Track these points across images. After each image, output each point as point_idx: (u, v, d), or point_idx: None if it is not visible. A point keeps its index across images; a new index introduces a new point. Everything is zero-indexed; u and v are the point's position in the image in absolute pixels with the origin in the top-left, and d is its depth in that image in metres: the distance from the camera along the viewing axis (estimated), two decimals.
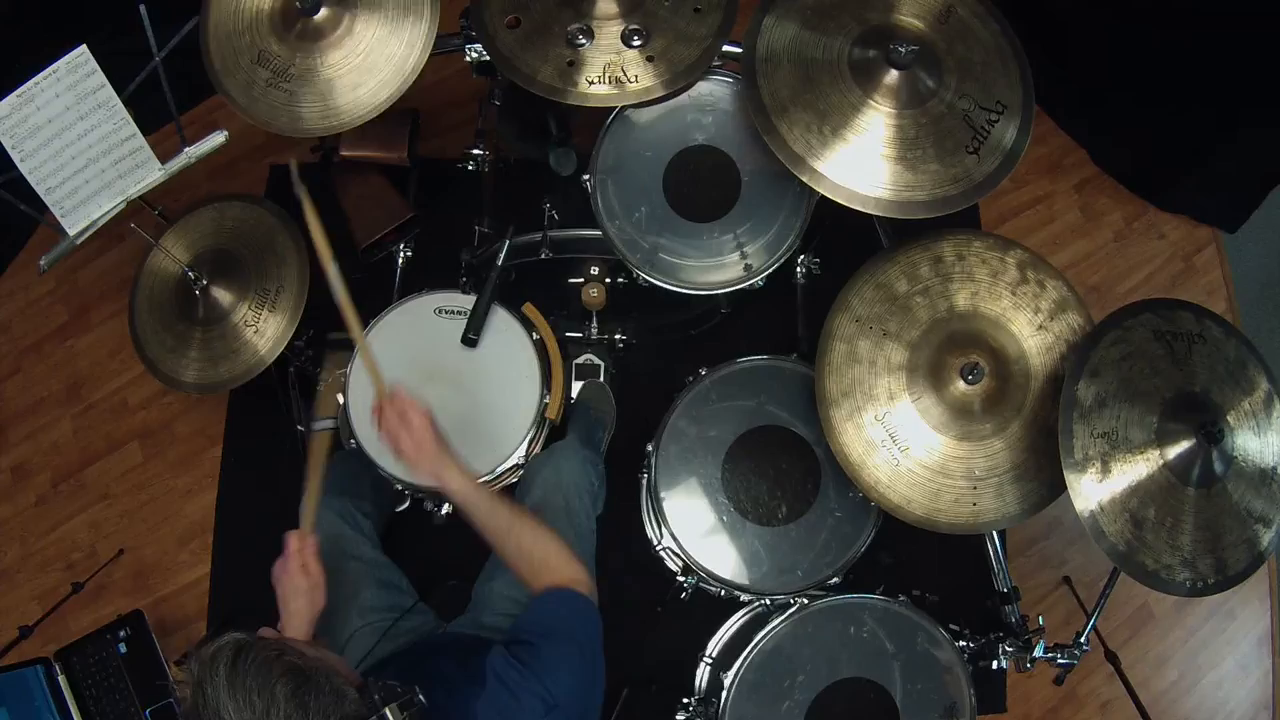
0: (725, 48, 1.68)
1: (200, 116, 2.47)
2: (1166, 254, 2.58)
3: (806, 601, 1.68)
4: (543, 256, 1.94)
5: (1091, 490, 1.42)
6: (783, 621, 1.65)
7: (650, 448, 1.84)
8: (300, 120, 1.68)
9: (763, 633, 1.64)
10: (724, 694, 1.63)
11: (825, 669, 1.66)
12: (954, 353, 1.60)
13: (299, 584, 1.37)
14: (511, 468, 1.79)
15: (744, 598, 1.80)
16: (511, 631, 1.34)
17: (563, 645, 1.26)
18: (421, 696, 1.10)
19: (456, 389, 1.80)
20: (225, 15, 1.75)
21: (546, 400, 1.81)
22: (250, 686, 0.96)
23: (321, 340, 2.03)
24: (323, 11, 1.70)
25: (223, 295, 1.79)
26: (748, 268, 1.80)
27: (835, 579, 1.77)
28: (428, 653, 1.48)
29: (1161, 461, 1.44)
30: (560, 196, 1.94)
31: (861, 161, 1.55)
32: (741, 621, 1.85)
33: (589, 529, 1.72)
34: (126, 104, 1.62)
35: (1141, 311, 1.53)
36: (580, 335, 2.10)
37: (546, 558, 1.37)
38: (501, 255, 1.84)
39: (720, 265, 1.80)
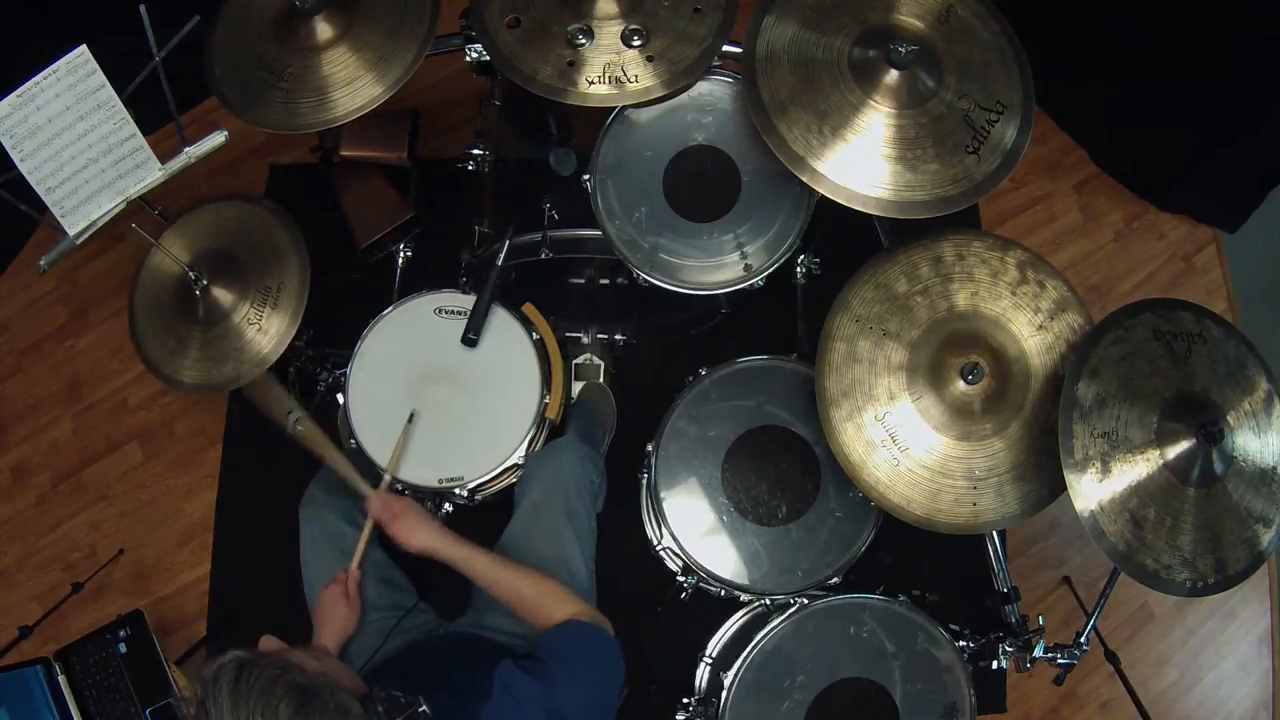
0: (725, 48, 1.68)
1: (200, 116, 2.47)
2: (1166, 254, 2.58)
3: (806, 601, 1.68)
4: (543, 256, 1.94)
5: (1091, 490, 1.42)
6: (783, 621, 1.65)
7: (650, 448, 1.84)
8: (296, 118, 1.69)
9: (763, 633, 1.64)
10: (724, 694, 1.63)
11: (825, 669, 1.66)
12: (954, 353, 1.60)
13: (339, 609, 1.53)
14: (511, 467, 1.79)
15: (744, 598, 1.80)
16: (526, 646, 1.35)
17: (576, 667, 1.27)
18: (425, 707, 1.10)
19: (456, 389, 1.80)
20: (234, 21, 1.76)
21: (546, 400, 1.81)
22: (254, 707, 0.97)
23: (321, 340, 2.03)
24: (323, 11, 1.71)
25: (223, 295, 1.79)
26: (748, 268, 1.80)
27: (835, 579, 1.77)
28: (432, 656, 1.49)
29: (1161, 461, 1.44)
30: (560, 196, 1.94)
31: (861, 161, 1.55)
32: (741, 621, 1.85)
33: (589, 527, 1.72)
34: (126, 104, 1.62)
35: (1141, 311, 1.53)
36: (580, 335, 2.10)
37: (541, 597, 1.42)
38: (501, 255, 1.84)
39: (720, 265, 1.80)
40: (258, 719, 0.96)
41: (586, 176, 1.79)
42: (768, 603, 1.79)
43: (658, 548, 1.86)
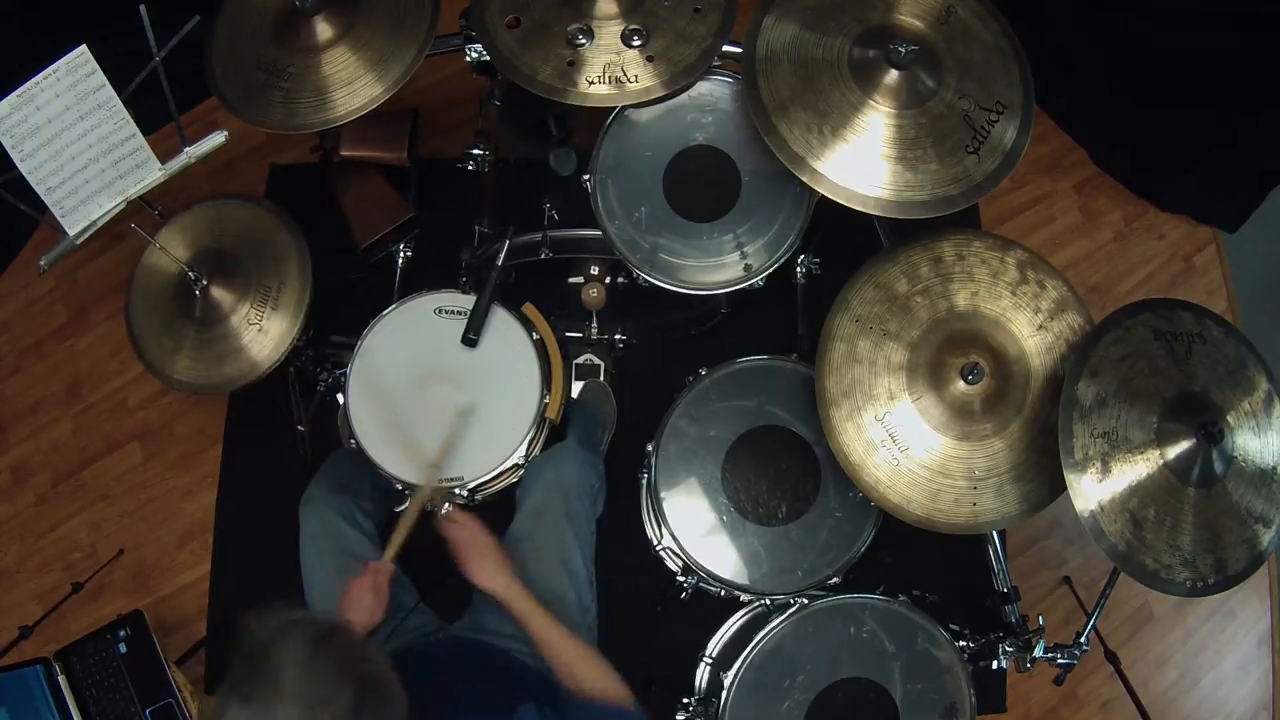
0: (725, 48, 1.68)
1: (200, 116, 2.47)
2: (1166, 254, 2.58)
3: (806, 601, 1.68)
4: (543, 256, 1.94)
5: (1091, 490, 1.42)
6: (783, 621, 1.65)
7: (650, 448, 1.84)
8: (296, 118, 1.69)
9: (763, 633, 1.64)
10: (724, 694, 1.63)
11: (825, 669, 1.66)
12: (954, 353, 1.60)
13: (366, 600, 1.48)
14: (511, 467, 1.79)
15: (744, 598, 1.80)
16: (553, 699, 1.36)
17: None
18: None
19: (456, 389, 1.80)
20: (234, 21, 1.76)
21: (546, 400, 1.81)
22: (319, 673, 0.95)
23: (323, 340, 2.03)
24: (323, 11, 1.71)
25: (223, 295, 1.79)
26: (748, 268, 1.80)
27: (835, 579, 1.77)
28: (436, 663, 1.48)
29: (1161, 461, 1.44)
30: (560, 196, 1.94)
31: (861, 161, 1.55)
32: (741, 621, 1.85)
33: (589, 531, 1.72)
34: (126, 104, 1.62)
35: (1141, 311, 1.53)
36: (580, 335, 2.10)
37: (584, 666, 1.41)
38: (501, 255, 1.84)
39: (720, 265, 1.80)
40: (319, 688, 0.95)
41: (586, 176, 1.79)
42: (768, 603, 1.79)
43: (658, 548, 1.86)
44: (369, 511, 1.77)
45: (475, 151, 1.89)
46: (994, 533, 1.77)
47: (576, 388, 2.19)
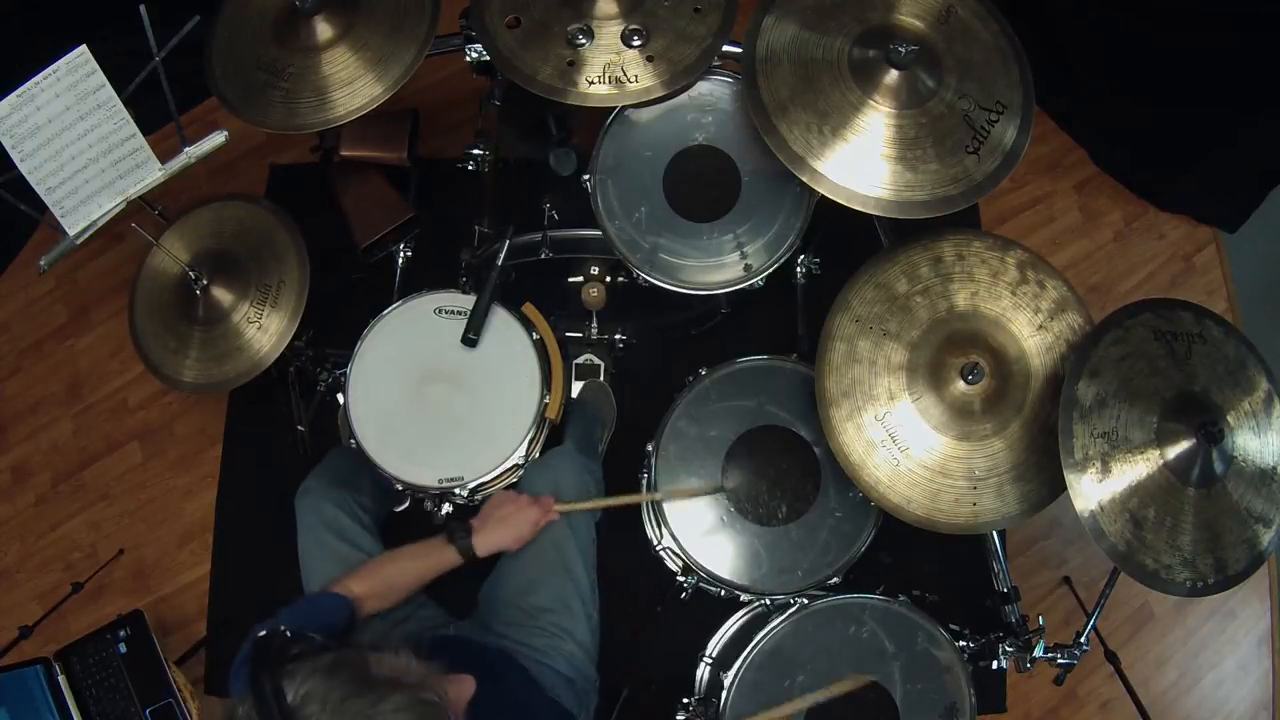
0: (725, 48, 1.68)
1: (200, 116, 2.47)
2: (1166, 254, 2.58)
3: (806, 601, 1.68)
4: (543, 256, 1.94)
5: (1091, 490, 1.42)
6: (783, 621, 1.65)
7: (650, 448, 1.84)
8: (296, 118, 1.69)
9: (763, 633, 1.64)
10: (724, 694, 1.63)
11: (825, 669, 1.65)
12: (954, 353, 1.60)
13: (517, 526, 1.55)
14: (512, 468, 1.79)
15: (744, 598, 1.81)
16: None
17: None
18: None
19: (456, 389, 1.80)
20: (234, 21, 1.76)
21: (546, 400, 1.81)
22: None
23: (321, 340, 2.03)
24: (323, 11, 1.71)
25: (223, 295, 1.79)
26: (748, 268, 1.80)
27: (835, 579, 1.77)
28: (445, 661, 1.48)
29: (1161, 461, 1.44)
30: (560, 196, 1.94)
31: (861, 161, 1.55)
32: (741, 621, 1.85)
33: (589, 537, 1.72)
34: (126, 104, 1.62)
35: (1141, 311, 1.53)
36: (580, 335, 2.10)
37: None
38: (501, 255, 1.84)
39: (720, 265, 1.80)
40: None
41: (586, 176, 1.79)
42: (768, 603, 1.79)
43: (658, 548, 1.86)
44: (367, 507, 1.77)
45: (475, 151, 1.89)
46: (994, 533, 1.77)
47: (576, 388, 2.19)
